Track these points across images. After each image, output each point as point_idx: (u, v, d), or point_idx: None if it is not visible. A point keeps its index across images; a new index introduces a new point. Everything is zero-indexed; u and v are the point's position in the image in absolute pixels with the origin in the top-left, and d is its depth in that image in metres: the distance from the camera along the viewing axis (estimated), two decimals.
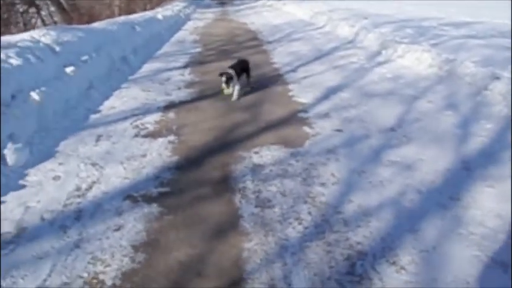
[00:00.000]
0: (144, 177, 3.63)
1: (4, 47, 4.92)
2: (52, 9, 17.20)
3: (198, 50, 10.68)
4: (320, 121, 4.91)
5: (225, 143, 4.37)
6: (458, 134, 4.41)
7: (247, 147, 4.22)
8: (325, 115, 5.12)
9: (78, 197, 3.30)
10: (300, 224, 2.89)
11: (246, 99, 5.94)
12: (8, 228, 2.89)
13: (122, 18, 11.58)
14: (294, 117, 5.11)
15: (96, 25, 9.33)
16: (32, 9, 16.30)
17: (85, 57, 6.54)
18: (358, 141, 4.30)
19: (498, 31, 9.82)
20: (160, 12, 16.35)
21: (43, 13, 16.94)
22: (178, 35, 13.83)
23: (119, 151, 4.19)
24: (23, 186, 3.46)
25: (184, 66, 8.51)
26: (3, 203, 3.20)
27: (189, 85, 6.93)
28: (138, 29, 10.68)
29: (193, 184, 3.52)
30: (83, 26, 8.75)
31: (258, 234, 2.79)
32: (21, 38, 5.65)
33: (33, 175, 3.67)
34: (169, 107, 5.72)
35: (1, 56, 4.63)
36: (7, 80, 4.32)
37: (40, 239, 2.78)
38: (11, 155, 3.73)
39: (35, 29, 10.70)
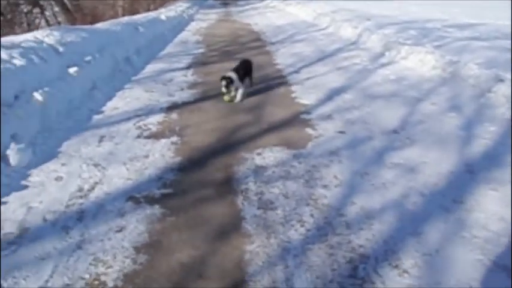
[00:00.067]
0: (146, 178, 3.63)
1: (8, 47, 4.93)
2: (56, 9, 17.24)
3: (201, 50, 10.69)
4: (323, 123, 4.90)
5: (228, 144, 4.37)
6: (462, 136, 4.39)
7: (249, 149, 4.21)
8: (328, 117, 5.11)
9: (81, 197, 3.30)
10: (302, 227, 2.88)
11: (249, 101, 5.93)
12: (10, 228, 2.89)
13: (125, 19, 11.59)
14: (297, 119, 5.10)
15: (99, 25, 9.34)
16: (36, 10, 16.34)
17: (88, 58, 6.55)
18: (361, 143, 4.29)
19: (502, 33, 9.78)
20: (163, 12, 16.36)
21: (47, 13, 16.99)
22: (182, 36, 13.84)
23: (121, 152, 4.19)
24: (26, 187, 3.47)
25: (187, 67, 8.51)
26: (6, 203, 3.20)
27: (192, 86, 6.93)
28: (141, 29, 10.69)
29: (196, 185, 3.52)
30: (87, 27, 8.77)
31: (260, 237, 2.79)
32: (25, 38, 5.66)
33: (35, 176, 3.67)
34: (172, 107, 5.72)
35: (5, 57, 4.64)
36: (10, 81, 4.33)
37: (42, 239, 2.78)
38: (13, 155, 3.74)
39: (38, 29, 10.73)
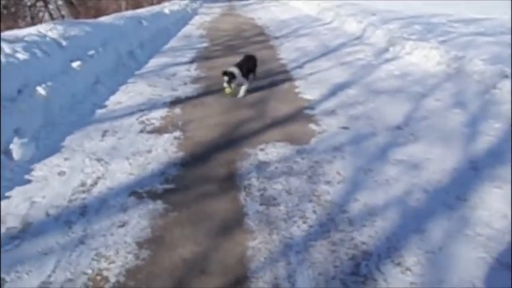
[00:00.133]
0: (149, 173, 3.63)
1: (11, 41, 4.92)
2: (60, 2, 17.25)
3: (205, 45, 10.66)
4: (326, 118, 4.88)
5: (231, 140, 4.36)
6: (466, 133, 4.36)
7: (253, 144, 4.20)
8: (332, 112, 5.09)
9: (83, 192, 3.31)
10: (305, 223, 2.88)
11: (252, 96, 5.91)
12: (13, 223, 2.89)
13: (129, 13, 11.60)
14: (300, 114, 5.08)
15: (103, 19, 9.33)
16: (40, 3, 16.35)
17: (92, 52, 6.55)
18: (365, 139, 4.27)
19: (507, 28, 9.69)
20: (167, 6, 16.33)
21: (50, 7, 16.99)
22: (185, 30, 13.81)
23: (124, 146, 4.19)
24: (29, 181, 3.47)
25: (191, 62, 8.49)
26: (9, 198, 3.21)
27: (195, 80, 6.92)
28: (145, 23, 10.68)
29: (199, 181, 3.51)
30: (90, 21, 8.76)
31: (263, 233, 2.78)
32: (28, 32, 5.65)
33: (38, 170, 3.67)
34: (175, 102, 5.71)
35: (8, 51, 4.64)
36: (13, 75, 4.33)
37: (45, 234, 2.78)
38: (17, 149, 3.74)
39: (42, 22, 10.74)
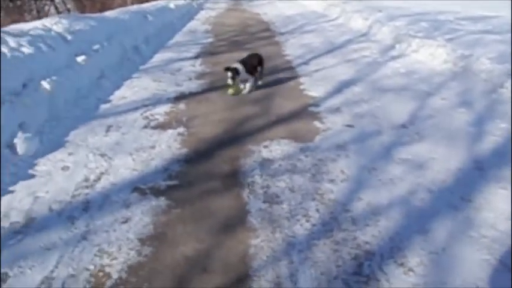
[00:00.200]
0: (152, 170, 3.62)
1: (16, 35, 4.93)
2: None
3: (210, 40, 10.63)
4: (331, 116, 4.85)
5: (235, 136, 4.35)
6: (472, 132, 4.33)
7: (257, 141, 4.19)
8: (337, 110, 5.06)
9: (87, 188, 3.31)
10: (308, 222, 2.86)
11: (257, 92, 5.89)
12: (17, 218, 2.90)
13: (134, 7, 11.60)
14: (305, 111, 5.06)
15: (108, 14, 9.33)
16: None
17: (97, 46, 6.54)
18: (369, 137, 4.24)
19: None
20: (172, 1, 16.29)
21: (56, 0, 16.98)
22: (190, 25, 13.79)
23: (128, 142, 4.19)
24: (33, 176, 3.47)
25: (196, 57, 8.47)
26: (13, 192, 3.22)
27: (200, 76, 6.90)
28: (150, 18, 10.66)
29: (202, 177, 3.51)
30: (95, 15, 8.76)
31: (265, 231, 2.77)
32: (34, 26, 5.66)
33: (42, 165, 3.68)
34: (179, 98, 5.70)
35: (13, 45, 4.65)
36: (18, 69, 4.33)
37: (48, 229, 2.78)
38: (21, 144, 3.75)
39: (48, 16, 10.74)
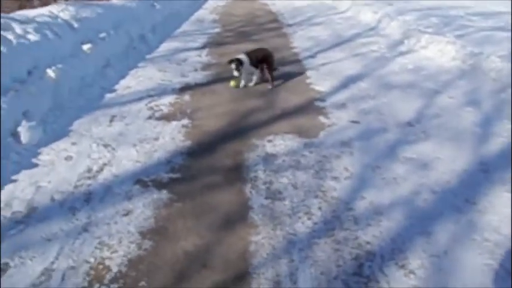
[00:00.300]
0: (155, 162, 3.62)
1: (22, 22, 4.91)
2: None
3: (217, 30, 10.56)
4: (336, 111, 4.81)
5: (239, 129, 4.33)
6: (479, 133, 4.27)
7: (261, 135, 4.16)
8: (342, 105, 5.01)
9: (89, 178, 3.31)
10: (310, 219, 2.85)
11: (262, 85, 5.85)
12: (19, 207, 2.91)
13: None
14: (310, 106, 5.02)
15: (115, 1, 9.27)
16: None
17: (103, 35, 6.52)
18: (375, 134, 4.20)
19: None
20: None
21: None
22: (198, 14, 13.70)
23: (132, 133, 4.18)
24: (36, 165, 3.48)
25: (202, 47, 8.43)
26: (15, 181, 3.23)
27: (206, 67, 6.86)
28: (157, 6, 10.60)
29: (205, 171, 3.50)
30: (102, 2, 8.70)
31: (267, 228, 2.76)
32: (40, 12, 5.63)
33: (45, 154, 3.68)
34: (184, 88, 5.68)
35: (19, 32, 4.63)
36: (24, 56, 4.32)
37: (49, 220, 2.79)
38: (25, 132, 3.75)
39: (56, 1, 10.68)
